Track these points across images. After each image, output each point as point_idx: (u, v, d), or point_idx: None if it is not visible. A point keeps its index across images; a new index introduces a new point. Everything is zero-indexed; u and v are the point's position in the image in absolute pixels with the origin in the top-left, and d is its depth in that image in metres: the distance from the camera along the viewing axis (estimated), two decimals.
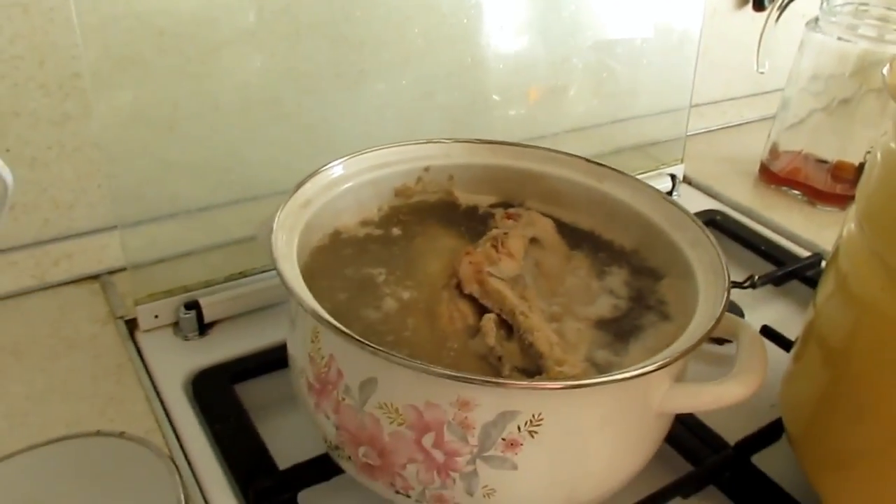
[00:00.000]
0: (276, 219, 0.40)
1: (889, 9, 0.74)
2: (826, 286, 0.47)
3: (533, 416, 0.33)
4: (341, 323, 0.34)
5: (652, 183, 0.77)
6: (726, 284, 0.39)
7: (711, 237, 0.43)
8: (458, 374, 0.31)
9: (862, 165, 0.78)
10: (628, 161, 0.81)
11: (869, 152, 0.78)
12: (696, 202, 0.78)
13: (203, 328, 0.54)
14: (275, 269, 0.37)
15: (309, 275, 0.42)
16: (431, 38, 0.64)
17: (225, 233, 0.59)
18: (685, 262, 0.44)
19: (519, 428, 0.33)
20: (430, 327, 0.40)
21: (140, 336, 0.54)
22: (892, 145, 0.43)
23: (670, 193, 0.79)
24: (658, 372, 0.34)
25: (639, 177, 0.77)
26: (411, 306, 0.42)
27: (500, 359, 0.39)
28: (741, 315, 0.60)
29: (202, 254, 0.58)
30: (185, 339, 0.53)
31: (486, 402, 0.33)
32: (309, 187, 0.44)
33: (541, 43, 0.73)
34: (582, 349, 0.40)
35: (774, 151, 0.83)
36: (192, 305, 0.54)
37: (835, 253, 0.47)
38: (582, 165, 0.51)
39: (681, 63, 0.82)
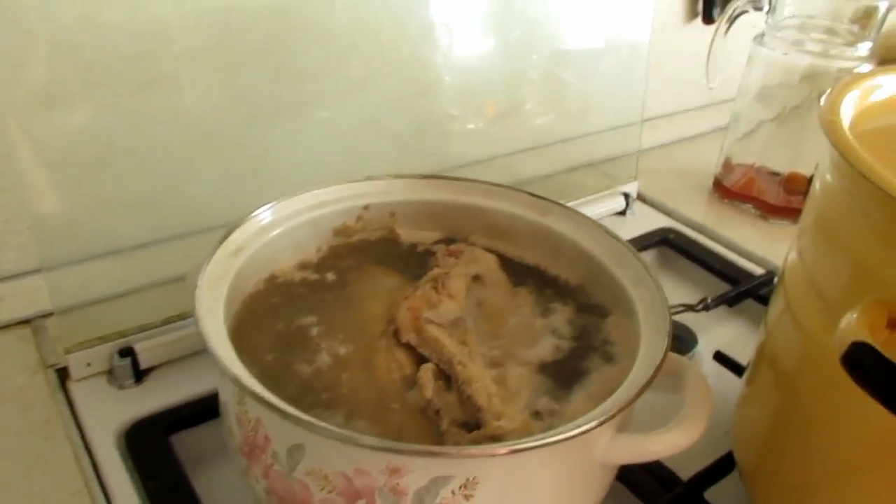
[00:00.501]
0: (202, 272, 0.39)
1: (835, 21, 0.74)
2: (775, 307, 0.46)
3: (467, 479, 0.32)
4: (273, 380, 0.33)
5: (606, 202, 0.78)
6: (667, 328, 0.38)
7: (654, 276, 0.42)
8: (385, 445, 0.30)
9: (813, 177, 0.78)
10: (582, 179, 0.81)
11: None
12: (649, 220, 0.78)
13: (139, 375, 0.52)
14: (197, 328, 0.35)
15: (240, 328, 0.41)
16: (375, 66, 0.63)
17: (163, 271, 0.57)
18: (628, 301, 0.43)
19: (453, 492, 0.32)
20: (368, 381, 0.39)
21: (71, 386, 0.51)
22: (828, 177, 0.43)
23: (624, 212, 0.78)
24: (599, 427, 0.33)
25: (593, 196, 0.78)
26: (348, 359, 0.40)
27: (437, 412, 0.37)
28: (695, 339, 0.60)
29: (139, 294, 0.56)
30: (120, 387, 0.51)
31: (418, 468, 0.32)
32: (239, 234, 0.43)
33: (492, 62, 0.72)
34: (523, 397, 0.39)
35: (727, 165, 0.83)
36: (127, 352, 0.52)
37: (781, 275, 0.47)
38: (525, 199, 0.49)
39: (632, 77, 0.81)
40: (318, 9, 0.58)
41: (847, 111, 0.41)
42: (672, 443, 0.35)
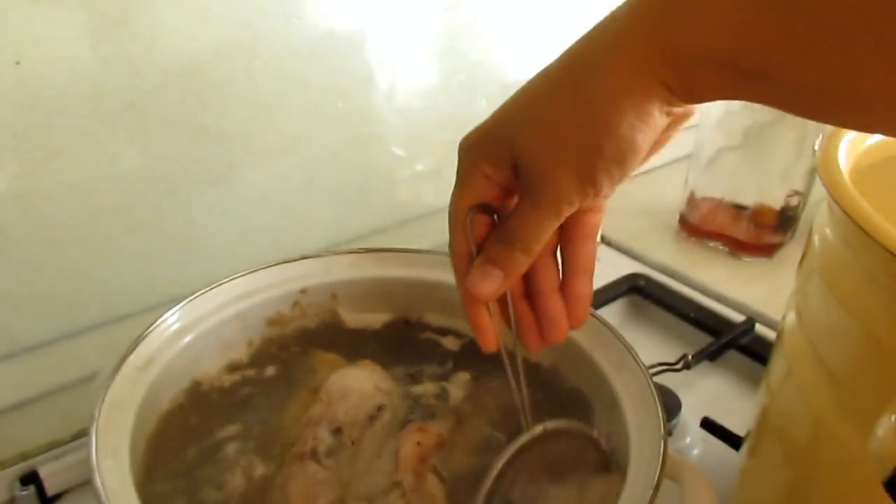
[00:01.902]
0: (101, 398, 0.32)
1: None
2: (776, 370, 0.41)
3: None
4: None
5: None
6: (662, 431, 0.32)
7: (639, 360, 0.37)
8: None
9: (783, 209, 0.74)
10: None
11: (790, 195, 0.74)
12: (616, 266, 0.73)
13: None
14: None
15: (148, 465, 0.34)
16: (307, 122, 0.57)
17: (75, 370, 0.51)
18: (610, 390, 0.37)
19: None
20: None
21: None
22: (828, 232, 0.38)
23: None
24: None
25: None
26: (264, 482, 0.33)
27: None
28: (678, 404, 0.54)
29: (44, 402, 0.49)
30: None
31: None
32: (147, 345, 0.36)
33: (437, 105, 0.66)
34: None
35: (692, 200, 0.79)
36: (31, 478, 0.45)
37: (780, 335, 0.42)
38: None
39: None
40: (238, 66, 0.51)
41: (845, 155, 0.37)
42: None
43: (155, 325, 0.37)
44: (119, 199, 0.51)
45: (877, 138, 0.39)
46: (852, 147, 0.38)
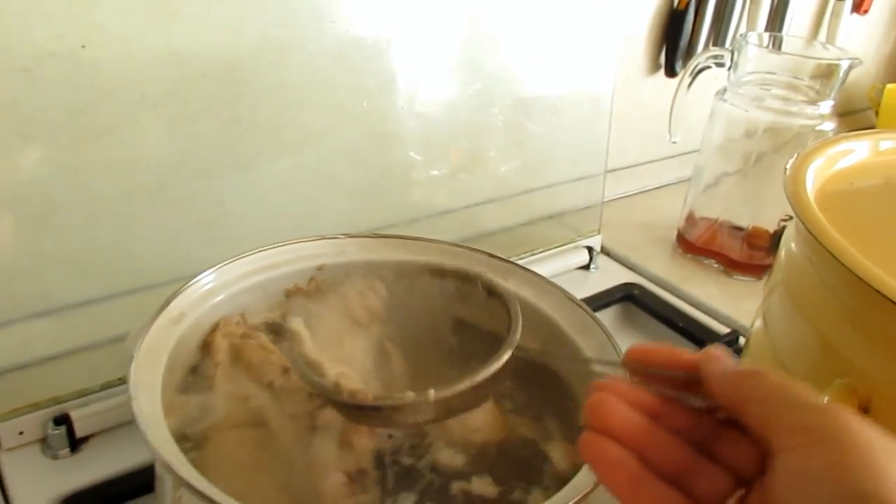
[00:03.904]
0: (139, 342, 0.36)
1: (796, 77, 0.74)
2: None
3: None
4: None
5: (569, 256, 0.77)
6: None
7: (616, 346, 0.41)
8: None
9: (776, 233, 0.78)
10: (546, 232, 0.80)
11: (783, 220, 0.78)
12: (613, 275, 0.77)
13: (75, 444, 0.49)
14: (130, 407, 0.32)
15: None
16: (331, 119, 0.61)
17: (104, 331, 0.55)
18: (591, 375, 0.41)
19: None
20: None
21: (2, 456, 0.48)
22: (793, 246, 0.42)
23: (588, 266, 0.77)
24: None
25: (556, 250, 0.77)
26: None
27: None
28: None
29: (77, 356, 0.53)
30: (55, 457, 0.49)
31: None
32: (180, 301, 0.40)
33: (453, 114, 0.71)
34: None
35: (691, 219, 0.83)
36: (63, 419, 0.49)
37: (748, 340, 0.46)
38: (485, 260, 0.48)
39: (595, 128, 0.81)
40: (273, 62, 0.56)
41: (812, 179, 0.41)
42: None
43: (190, 283, 0.41)
44: (155, 177, 0.55)
45: (842, 165, 0.43)
46: (820, 172, 0.42)
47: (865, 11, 1.18)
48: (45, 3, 0.46)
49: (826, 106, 0.72)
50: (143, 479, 0.46)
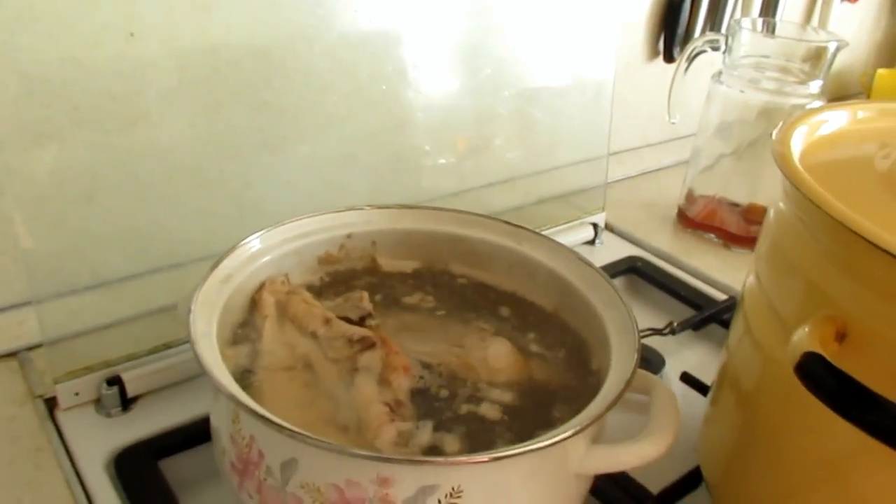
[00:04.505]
0: (195, 297, 0.40)
1: (788, 60, 0.79)
2: (735, 330, 0.49)
3: (452, 488, 0.34)
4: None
5: (575, 232, 0.81)
6: (636, 346, 0.41)
7: (623, 299, 0.45)
8: (376, 455, 0.32)
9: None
10: (552, 211, 0.84)
11: None
12: (617, 249, 0.81)
13: (126, 403, 0.53)
14: (192, 351, 0.37)
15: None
16: (352, 103, 0.65)
17: (148, 302, 0.59)
18: (600, 323, 0.45)
19: (439, 501, 0.34)
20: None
21: (60, 415, 0.52)
22: (781, 205, 0.46)
23: (593, 241, 0.81)
24: (574, 437, 0.35)
25: (563, 227, 0.81)
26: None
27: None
28: (662, 361, 0.62)
29: (124, 325, 0.57)
30: (108, 415, 0.52)
31: (406, 479, 0.33)
32: (228, 262, 0.44)
33: (463, 99, 0.75)
34: None
35: (690, 196, 0.87)
36: (115, 381, 0.53)
37: (741, 298, 0.50)
38: (501, 228, 0.52)
39: (597, 113, 0.85)
40: (299, 50, 0.60)
41: (797, 144, 0.45)
42: (642, 453, 0.38)
43: (238, 245, 0.46)
44: (190, 159, 0.59)
45: (824, 132, 0.47)
46: (804, 138, 0.46)
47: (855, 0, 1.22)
48: None
49: (815, 86, 0.76)
50: (191, 432, 0.50)
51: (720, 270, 0.78)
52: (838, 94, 1.31)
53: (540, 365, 0.45)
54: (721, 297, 0.73)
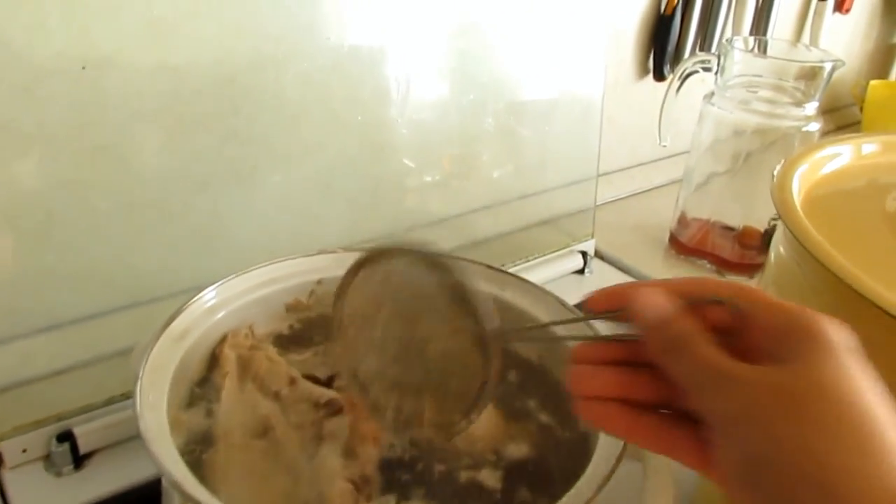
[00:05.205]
0: (144, 360, 0.37)
1: (781, 79, 0.76)
2: None
3: None
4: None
5: (564, 261, 0.78)
6: None
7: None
8: None
9: (766, 232, 0.79)
10: (540, 237, 0.81)
11: (773, 219, 0.79)
12: (608, 278, 0.78)
13: (78, 461, 0.50)
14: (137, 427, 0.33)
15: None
16: (327, 130, 0.62)
17: (106, 345, 0.55)
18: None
19: None
20: None
21: (6, 474, 0.49)
22: (781, 249, 0.43)
23: (582, 271, 0.78)
24: None
25: (551, 255, 0.78)
26: None
27: None
28: None
29: (80, 371, 0.54)
30: (58, 474, 0.49)
31: None
32: (183, 318, 0.41)
33: (447, 120, 0.72)
34: None
35: (683, 220, 0.84)
36: (66, 436, 0.49)
37: None
38: (482, 271, 0.49)
39: (586, 134, 0.82)
40: (269, 75, 0.57)
41: (798, 185, 0.42)
42: None
43: (192, 301, 0.42)
44: (154, 191, 0.56)
45: (827, 170, 0.44)
46: (805, 177, 0.43)
47: (847, 10, 1.20)
48: (45, 23, 0.47)
49: (811, 107, 0.73)
50: (147, 494, 0.47)
51: None
52: (830, 105, 1.29)
53: (524, 428, 0.42)
54: None
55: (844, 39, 1.26)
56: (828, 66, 0.72)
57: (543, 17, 0.73)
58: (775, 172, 0.42)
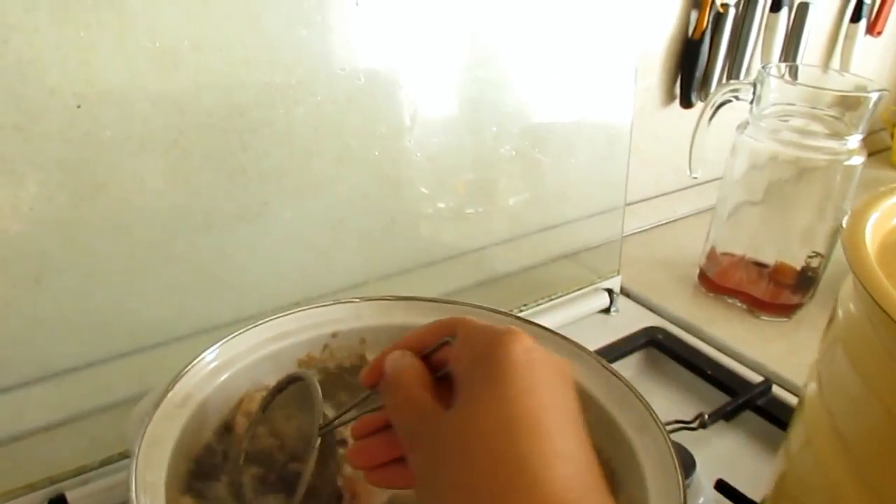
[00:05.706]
0: (139, 436, 0.33)
1: (813, 107, 0.71)
2: (795, 440, 0.42)
3: None
4: None
5: (589, 300, 0.74)
6: (681, 496, 0.33)
7: (658, 420, 0.37)
8: None
9: (804, 270, 0.75)
10: (562, 272, 0.77)
11: (811, 256, 0.75)
12: (635, 318, 0.73)
13: None
14: None
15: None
16: (341, 164, 0.59)
17: (104, 395, 0.52)
18: (629, 450, 0.38)
19: None
20: None
21: None
22: (851, 307, 0.39)
23: (608, 310, 0.74)
24: None
25: (575, 293, 0.74)
26: None
27: None
28: (693, 462, 0.54)
29: (76, 424, 0.50)
30: None
31: None
32: (185, 383, 0.37)
33: (465, 154, 0.68)
34: None
35: (712, 255, 0.80)
36: (59, 501, 0.45)
37: (801, 403, 0.43)
38: (506, 321, 0.44)
39: (613, 162, 0.78)
40: (279, 108, 0.53)
41: (871, 235, 0.38)
42: None
43: (193, 363, 0.38)
44: (157, 232, 0.52)
45: None
46: (879, 224, 0.39)
47: (879, 33, 1.16)
48: (40, 59, 0.43)
49: (854, 140, 0.69)
50: None
51: (748, 343, 0.70)
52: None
53: None
54: (754, 377, 0.65)
55: (875, 63, 1.22)
56: (874, 97, 0.68)
57: (567, 42, 0.70)
58: (844, 222, 0.38)
